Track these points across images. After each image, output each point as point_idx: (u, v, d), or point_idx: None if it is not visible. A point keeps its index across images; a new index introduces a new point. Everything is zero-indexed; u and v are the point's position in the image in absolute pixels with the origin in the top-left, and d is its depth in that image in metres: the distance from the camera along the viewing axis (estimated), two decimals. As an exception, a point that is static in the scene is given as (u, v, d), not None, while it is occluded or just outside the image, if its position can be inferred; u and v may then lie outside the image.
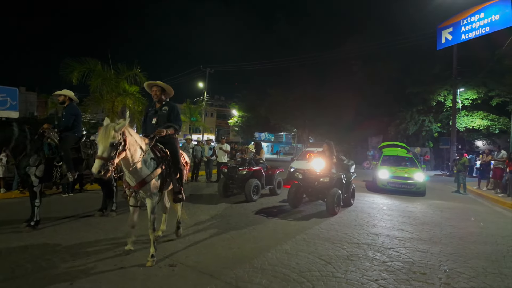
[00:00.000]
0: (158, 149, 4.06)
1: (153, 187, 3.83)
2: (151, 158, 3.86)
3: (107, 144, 3.23)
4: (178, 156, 4.37)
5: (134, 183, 3.73)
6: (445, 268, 3.97)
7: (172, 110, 4.37)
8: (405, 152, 12.82)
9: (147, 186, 3.76)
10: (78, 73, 12.24)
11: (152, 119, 4.33)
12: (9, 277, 3.24)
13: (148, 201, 3.85)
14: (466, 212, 7.83)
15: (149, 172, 3.77)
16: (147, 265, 3.64)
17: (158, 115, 4.33)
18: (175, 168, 4.28)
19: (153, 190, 3.84)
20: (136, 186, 3.74)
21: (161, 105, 4.39)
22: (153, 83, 4.40)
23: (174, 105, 4.48)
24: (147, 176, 3.73)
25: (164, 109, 4.34)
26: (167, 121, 4.30)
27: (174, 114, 4.37)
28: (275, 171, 9.17)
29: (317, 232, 5.36)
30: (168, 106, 4.38)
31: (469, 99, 22.97)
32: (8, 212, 6.03)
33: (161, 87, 4.37)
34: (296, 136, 40.55)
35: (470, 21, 13.13)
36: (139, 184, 3.72)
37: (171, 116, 4.33)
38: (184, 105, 27.10)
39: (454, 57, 20.59)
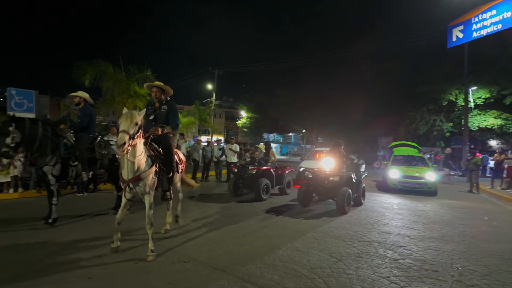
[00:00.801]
0: (152, 148, 4.19)
1: (150, 184, 3.95)
2: (148, 156, 3.98)
3: (132, 122, 3.50)
4: (172, 155, 4.49)
5: (129, 177, 3.81)
6: (458, 266, 3.95)
7: (171, 109, 4.53)
8: (416, 151, 12.70)
9: (143, 182, 3.87)
10: (90, 75, 12.50)
11: (151, 116, 4.46)
12: (29, 271, 3.37)
13: (146, 198, 3.95)
14: (479, 211, 7.72)
15: (145, 169, 3.88)
16: (148, 259, 3.75)
17: (157, 113, 4.49)
18: (168, 166, 4.39)
19: (151, 187, 3.96)
20: (131, 180, 3.82)
21: (160, 104, 4.55)
22: (153, 84, 4.59)
23: (173, 104, 4.64)
24: (142, 172, 3.84)
25: (163, 108, 4.50)
26: (165, 119, 4.45)
27: (172, 112, 4.53)
28: (284, 171, 9.21)
29: (328, 230, 5.38)
30: (167, 105, 4.54)
31: (482, 98, 22.59)
32: (26, 210, 6.22)
33: (160, 88, 4.53)
34: (305, 136, 40.45)
35: (482, 19, 12.93)
36: (134, 178, 3.81)
37: (169, 114, 4.49)
38: (193, 107, 27.27)
39: (465, 55, 20.23)
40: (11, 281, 3.12)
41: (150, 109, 4.55)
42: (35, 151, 4.92)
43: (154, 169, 4.02)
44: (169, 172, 4.42)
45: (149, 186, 3.94)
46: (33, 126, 4.89)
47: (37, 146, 4.90)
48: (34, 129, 4.87)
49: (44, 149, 4.96)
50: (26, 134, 4.77)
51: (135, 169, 3.79)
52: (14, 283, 3.08)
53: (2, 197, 7.21)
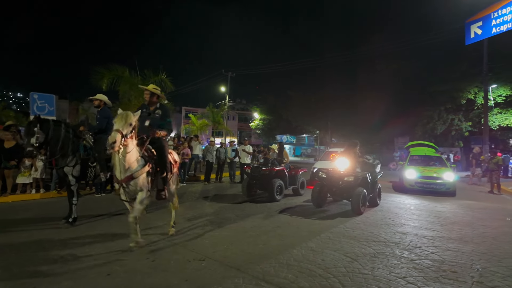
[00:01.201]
0: (146, 148, 4.28)
1: (143, 183, 4.05)
2: (140, 157, 4.08)
3: (126, 122, 3.68)
4: (165, 156, 4.58)
5: (122, 177, 3.91)
6: (478, 267, 3.85)
7: (165, 113, 4.68)
8: (433, 151, 12.40)
9: (136, 181, 3.97)
10: (107, 79, 12.84)
11: (145, 121, 4.53)
12: (51, 267, 3.50)
13: (139, 194, 4.05)
14: (500, 212, 7.48)
15: (137, 169, 3.98)
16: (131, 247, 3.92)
17: (151, 117, 4.60)
18: (161, 167, 4.49)
19: (144, 185, 4.06)
20: (124, 180, 3.92)
21: (154, 108, 4.70)
22: (145, 88, 4.75)
23: (166, 108, 4.80)
24: (135, 172, 3.94)
25: (157, 113, 4.65)
26: (160, 123, 4.58)
27: (167, 117, 4.70)
28: (298, 171, 9.19)
29: (342, 231, 5.34)
30: (161, 110, 4.69)
31: (502, 96, 21.81)
32: (47, 210, 6.44)
33: (152, 92, 4.66)
34: (319, 138, 40.13)
35: (502, 14, 12.52)
36: (126, 178, 3.91)
37: (163, 118, 4.65)
38: (207, 109, 27.60)
39: (484, 51, 19.53)
40: (34, 276, 3.25)
41: (144, 113, 4.59)
42: (57, 152, 5.11)
43: (147, 169, 4.11)
44: (163, 172, 4.51)
45: (141, 185, 4.03)
46: (56, 128, 5.10)
47: (59, 147, 5.10)
48: (57, 131, 5.08)
49: (65, 150, 5.15)
50: (49, 135, 4.97)
51: (127, 168, 3.88)
52: (37, 278, 3.21)
53: (25, 197, 7.49)
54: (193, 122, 25.96)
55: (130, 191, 4.06)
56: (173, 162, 4.96)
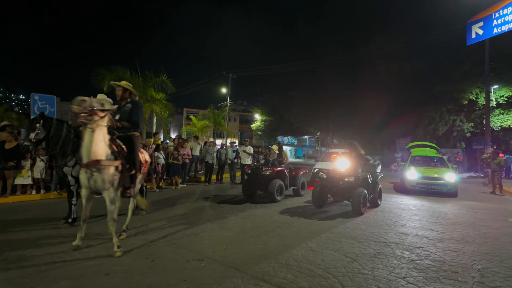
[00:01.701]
0: (116, 144, 4.29)
1: (110, 179, 3.95)
2: (111, 152, 4.05)
3: (100, 101, 3.83)
4: (135, 153, 4.58)
5: (87, 160, 3.82)
6: (479, 267, 3.81)
7: (134, 107, 4.68)
8: (434, 152, 12.35)
9: (103, 172, 3.88)
10: (108, 81, 12.86)
11: (116, 115, 4.54)
12: (50, 267, 3.48)
13: (106, 194, 3.99)
14: (502, 212, 7.43)
15: (105, 158, 3.92)
16: (115, 255, 3.82)
17: (121, 111, 4.62)
18: (131, 164, 4.47)
19: (110, 181, 3.96)
20: (90, 163, 3.82)
21: (125, 103, 4.71)
22: (116, 83, 4.79)
23: (137, 103, 4.83)
24: (102, 160, 3.87)
25: (127, 106, 4.66)
26: (128, 117, 4.58)
27: (136, 111, 4.67)
28: (298, 172, 9.16)
29: (343, 231, 5.31)
30: (131, 104, 4.71)
31: (504, 97, 21.73)
32: (48, 211, 6.44)
33: (123, 87, 4.72)
34: (320, 139, 40.08)
35: (503, 14, 12.48)
36: (93, 162, 3.82)
37: (132, 112, 4.62)
38: (208, 110, 27.59)
39: (486, 52, 19.51)
40: (32, 276, 3.24)
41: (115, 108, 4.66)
42: (57, 151, 5.13)
43: (117, 163, 4.05)
44: (131, 169, 4.47)
45: (109, 181, 3.95)
46: (59, 127, 5.12)
47: (59, 146, 5.11)
48: (58, 129, 5.11)
49: (65, 149, 5.16)
50: (51, 133, 5.00)
51: (94, 153, 3.81)
52: (35, 278, 3.19)
53: (25, 198, 7.50)
54: (194, 124, 25.97)
55: (95, 183, 3.92)
56: (144, 162, 4.96)
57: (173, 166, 9.92)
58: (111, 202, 4.01)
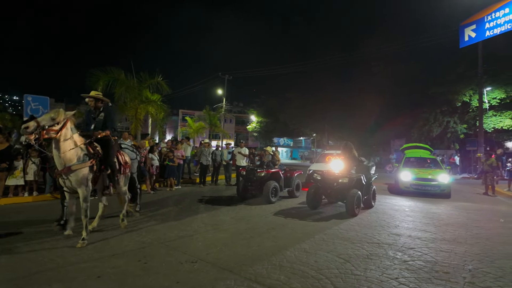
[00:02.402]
0: (93, 147, 4.66)
1: (82, 177, 4.33)
2: (85, 154, 4.42)
3: (50, 116, 4.09)
4: (111, 155, 4.87)
5: (61, 168, 4.24)
6: (470, 267, 3.85)
7: (108, 115, 5.00)
8: (428, 153, 12.45)
9: (75, 174, 4.27)
10: (103, 82, 12.82)
11: (91, 125, 4.93)
12: (41, 270, 3.45)
13: (80, 191, 4.37)
14: (495, 213, 7.51)
15: (77, 163, 4.29)
16: (77, 246, 4.16)
17: (96, 121, 4.95)
18: (106, 164, 4.77)
19: (83, 180, 4.35)
20: (62, 171, 4.24)
21: (98, 112, 5.01)
22: (86, 96, 5.01)
23: (110, 111, 5.11)
24: (73, 165, 4.25)
25: (101, 116, 4.97)
26: (104, 125, 4.90)
27: (110, 119, 5.00)
28: (293, 173, 9.18)
29: (336, 232, 5.33)
30: (104, 113, 5.00)
31: (497, 99, 22.00)
32: (40, 213, 6.39)
33: (95, 98, 4.98)
34: (316, 140, 40.21)
35: (495, 17, 12.66)
36: (65, 169, 4.22)
37: (107, 120, 4.96)
38: (204, 112, 27.61)
39: (479, 54, 19.79)
40: (24, 279, 3.21)
41: (92, 117, 5.01)
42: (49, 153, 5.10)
43: (88, 164, 4.40)
44: (107, 169, 4.79)
45: (81, 180, 4.32)
46: None
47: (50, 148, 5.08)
48: None
49: None
50: None
51: (63, 160, 4.19)
52: (26, 279, 3.17)
53: (17, 200, 7.43)
54: (190, 125, 25.95)
55: (70, 184, 4.31)
56: (123, 163, 5.22)
57: (168, 168, 9.89)
58: (84, 200, 4.39)
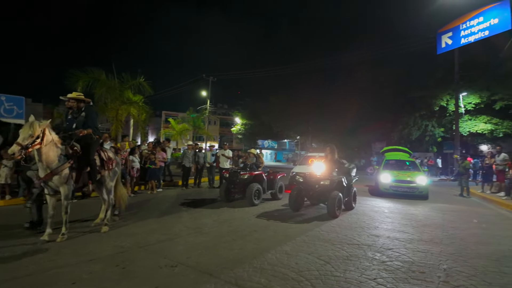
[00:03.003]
0: (72, 146, 4.76)
1: (64, 177, 4.52)
2: (64, 155, 4.58)
3: (28, 134, 4.12)
4: (90, 153, 4.99)
5: (43, 174, 4.39)
6: (445, 267, 3.98)
7: (89, 115, 5.10)
8: (407, 156, 12.80)
9: (57, 176, 4.45)
10: (83, 82, 12.50)
11: (73, 124, 5.00)
12: (13, 277, 3.31)
13: (62, 189, 4.54)
14: (469, 214, 7.79)
15: (57, 165, 4.45)
16: (57, 240, 4.41)
17: (77, 120, 5.03)
18: (86, 162, 4.89)
19: (65, 180, 4.53)
20: (45, 177, 4.40)
21: (79, 112, 5.08)
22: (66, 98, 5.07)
23: (91, 111, 5.21)
24: (54, 169, 4.41)
25: (82, 115, 5.04)
26: (85, 124, 4.98)
27: (91, 118, 5.11)
28: (276, 176, 9.22)
29: (318, 234, 5.38)
30: (85, 112, 5.08)
31: (472, 104, 22.91)
32: (13, 217, 6.12)
33: (75, 99, 5.08)
34: (299, 143, 40.59)
35: (470, 25, 13.22)
36: (47, 175, 4.39)
37: (88, 120, 5.04)
38: (187, 113, 27.35)
39: (456, 61, 20.66)
40: (-6, 287, 3.07)
41: (70, 118, 5.09)
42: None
43: (68, 165, 4.55)
44: (87, 167, 4.90)
45: (63, 179, 4.50)
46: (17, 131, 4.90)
47: None
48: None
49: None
50: (9, 138, 4.82)
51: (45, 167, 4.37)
52: (-4, 289, 3.03)
53: (-11, 204, 7.11)
54: (173, 127, 25.64)
55: (53, 185, 4.49)
56: (106, 159, 5.35)
57: (150, 170, 9.72)
58: (65, 198, 4.56)
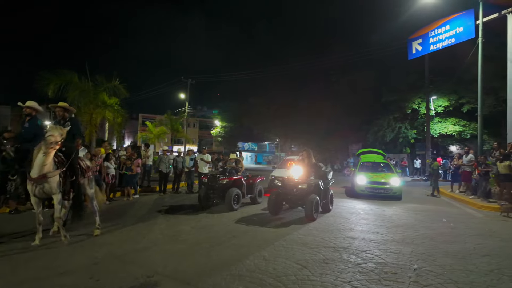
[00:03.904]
0: (58, 156, 4.86)
1: (57, 184, 4.67)
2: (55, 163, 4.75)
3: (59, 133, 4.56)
4: (75, 162, 5.15)
5: (36, 175, 4.49)
6: (415, 267, 4.16)
7: (75, 125, 5.33)
8: (381, 158, 13.25)
9: (52, 180, 4.59)
10: (54, 85, 12.04)
11: None
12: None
13: (55, 196, 4.68)
14: (439, 214, 8.17)
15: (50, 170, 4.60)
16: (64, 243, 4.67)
17: None
18: (71, 171, 5.04)
19: (57, 186, 4.67)
20: (38, 177, 4.50)
21: (64, 121, 5.20)
22: (55, 105, 5.26)
23: (76, 120, 5.48)
24: (48, 172, 4.56)
25: (67, 125, 5.11)
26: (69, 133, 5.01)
27: (77, 128, 5.36)
28: (255, 180, 9.26)
29: (296, 238, 5.47)
30: (71, 122, 5.23)
31: (442, 106, 24.07)
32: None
33: (63, 107, 5.29)
34: (279, 145, 40.93)
35: (438, 33, 13.88)
36: (40, 176, 4.50)
37: (74, 130, 5.18)
38: (165, 116, 26.87)
39: (426, 66, 21.72)
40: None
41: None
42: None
43: (58, 172, 4.72)
44: (72, 176, 5.03)
45: (57, 186, 4.65)
46: None
47: None
48: None
49: None
50: None
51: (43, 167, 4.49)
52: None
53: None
54: (150, 130, 25.14)
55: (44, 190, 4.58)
56: (85, 167, 5.50)
57: (125, 177, 9.49)
58: (58, 203, 4.68)
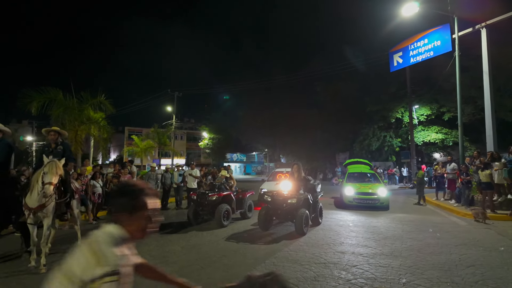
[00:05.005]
0: None
1: (52, 210, 4.79)
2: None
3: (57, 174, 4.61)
4: (67, 184, 5.28)
5: (35, 205, 4.59)
6: (404, 281, 4.23)
7: (66, 148, 5.53)
8: (368, 168, 13.48)
9: (47, 208, 4.69)
10: (37, 103, 11.85)
11: (49, 156, 5.09)
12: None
13: (46, 221, 4.76)
14: (425, 223, 8.34)
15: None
16: (40, 272, 4.47)
17: (54, 153, 5.25)
18: (64, 193, 5.18)
19: (52, 212, 4.80)
20: (37, 208, 4.61)
21: (56, 145, 5.38)
22: (50, 129, 5.44)
23: (67, 144, 5.66)
24: (46, 201, 4.66)
25: (59, 148, 5.34)
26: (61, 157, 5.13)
27: (68, 151, 5.53)
28: (245, 195, 9.26)
29: (286, 255, 5.48)
30: (63, 146, 5.44)
31: (424, 115, 24.81)
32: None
33: (57, 132, 5.46)
34: (268, 155, 41.07)
35: (417, 46, 14.42)
36: (40, 207, 4.61)
37: (65, 153, 5.36)
38: (152, 130, 26.66)
39: (407, 77, 22.47)
40: None
41: (47, 150, 5.30)
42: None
43: (54, 196, 4.81)
44: (66, 197, 5.18)
45: (51, 211, 4.77)
46: None
47: None
48: None
49: None
50: None
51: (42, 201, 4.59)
52: None
53: None
54: (137, 144, 24.86)
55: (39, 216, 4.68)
56: (75, 189, 5.67)
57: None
58: (48, 228, 4.75)
